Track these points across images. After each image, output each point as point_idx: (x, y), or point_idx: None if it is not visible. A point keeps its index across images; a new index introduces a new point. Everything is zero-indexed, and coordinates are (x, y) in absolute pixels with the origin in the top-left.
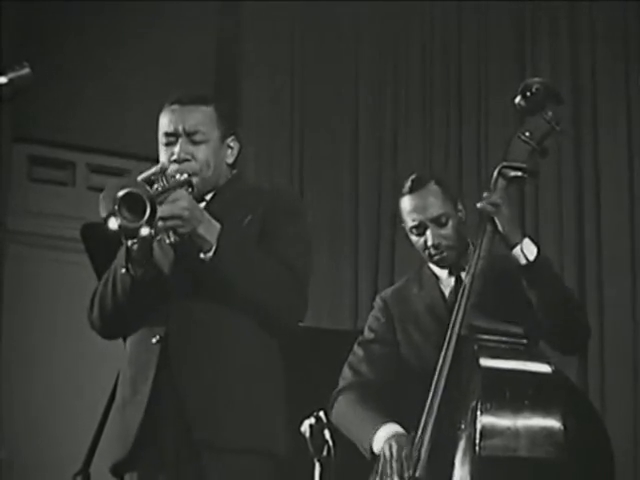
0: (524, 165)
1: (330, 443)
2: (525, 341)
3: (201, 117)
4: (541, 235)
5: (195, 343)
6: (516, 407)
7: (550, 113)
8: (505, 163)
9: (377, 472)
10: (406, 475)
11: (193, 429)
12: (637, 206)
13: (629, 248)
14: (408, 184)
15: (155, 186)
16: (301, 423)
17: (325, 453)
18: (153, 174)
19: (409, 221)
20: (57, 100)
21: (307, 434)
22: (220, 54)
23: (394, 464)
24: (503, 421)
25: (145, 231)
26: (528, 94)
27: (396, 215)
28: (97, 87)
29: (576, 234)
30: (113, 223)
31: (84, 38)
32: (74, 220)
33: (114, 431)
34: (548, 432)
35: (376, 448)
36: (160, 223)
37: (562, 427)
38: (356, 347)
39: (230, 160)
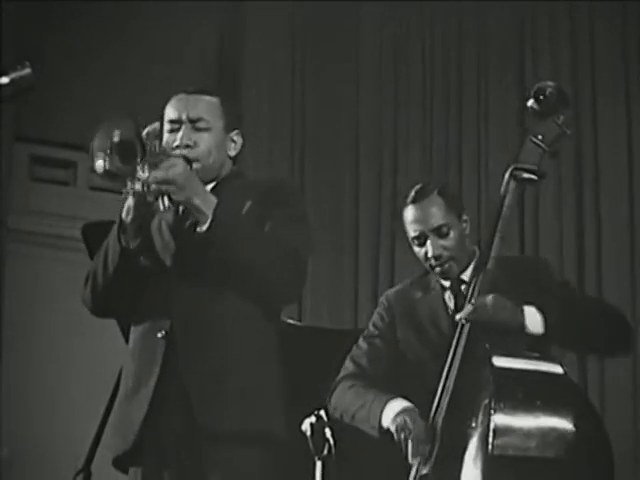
0: (535, 167)
1: (331, 442)
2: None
3: (206, 106)
4: (541, 235)
5: (199, 337)
6: (529, 407)
7: (562, 117)
8: (517, 165)
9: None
10: (422, 449)
11: (200, 422)
12: (637, 205)
13: (629, 247)
14: (412, 194)
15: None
16: (302, 422)
17: (326, 452)
18: (148, 133)
19: (410, 231)
20: (58, 100)
21: (308, 433)
22: (221, 52)
23: (409, 440)
24: (516, 420)
25: (133, 184)
26: (541, 97)
27: (396, 215)
28: (98, 87)
29: (576, 234)
30: (100, 167)
31: (85, 37)
32: (75, 219)
33: (117, 424)
34: (559, 432)
35: (385, 423)
36: (154, 186)
37: (573, 428)
38: (360, 340)
39: (232, 153)
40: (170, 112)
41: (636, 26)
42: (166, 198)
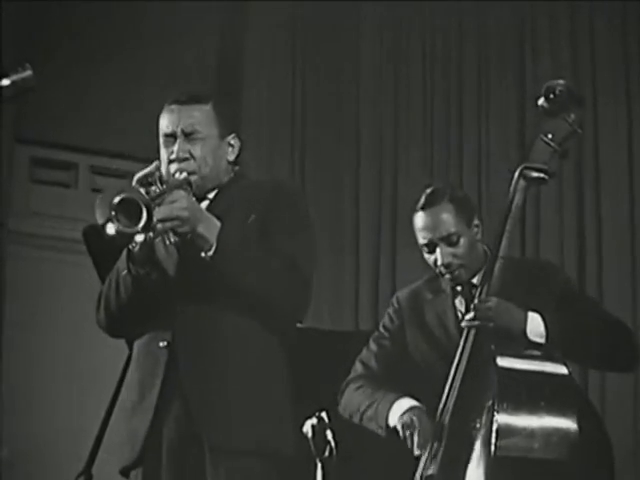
0: (546, 166)
1: (332, 444)
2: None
3: (198, 116)
4: (541, 235)
5: (202, 346)
6: (532, 408)
7: (573, 116)
8: (527, 164)
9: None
10: (428, 446)
11: (201, 432)
12: (637, 206)
13: (629, 248)
14: (422, 200)
15: (153, 188)
16: (303, 424)
17: (327, 453)
18: (149, 174)
19: (420, 238)
20: (59, 101)
21: (309, 434)
22: (222, 53)
23: (415, 437)
24: (519, 421)
25: (140, 237)
26: (551, 96)
27: (397, 215)
28: (99, 88)
29: (577, 234)
30: (110, 229)
31: (86, 39)
32: (76, 222)
33: (121, 435)
34: (563, 433)
35: (392, 422)
36: (159, 225)
37: (577, 429)
38: (370, 342)
39: (231, 158)
40: (164, 126)
41: (636, 26)
42: (171, 234)
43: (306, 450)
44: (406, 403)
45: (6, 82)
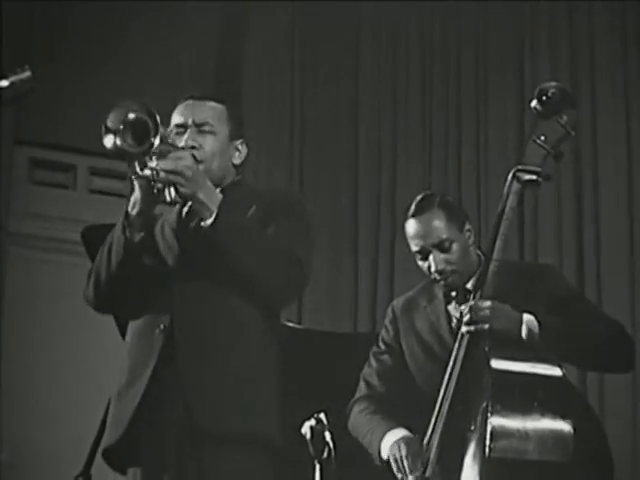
0: (539, 169)
1: (330, 445)
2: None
3: (211, 111)
4: (541, 235)
5: (198, 333)
6: (526, 409)
7: (565, 117)
8: (520, 166)
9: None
10: (416, 474)
11: (194, 418)
12: (636, 207)
13: (629, 248)
14: (412, 208)
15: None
16: (301, 425)
17: (325, 455)
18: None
19: (412, 246)
20: (58, 103)
21: (308, 436)
22: (221, 54)
23: (403, 464)
24: (513, 423)
25: (148, 170)
26: (544, 98)
27: (395, 217)
28: (98, 90)
29: (576, 234)
30: (109, 142)
31: (85, 40)
32: (75, 223)
33: (110, 418)
34: (558, 435)
35: (384, 453)
36: (162, 175)
37: (571, 431)
38: (371, 357)
39: (237, 161)
40: (176, 117)
41: (636, 26)
42: (172, 190)
43: (305, 452)
44: (396, 434)
45: (5, 83)
